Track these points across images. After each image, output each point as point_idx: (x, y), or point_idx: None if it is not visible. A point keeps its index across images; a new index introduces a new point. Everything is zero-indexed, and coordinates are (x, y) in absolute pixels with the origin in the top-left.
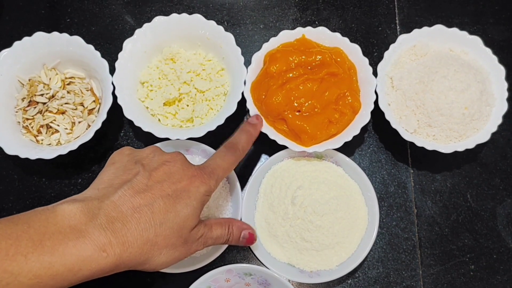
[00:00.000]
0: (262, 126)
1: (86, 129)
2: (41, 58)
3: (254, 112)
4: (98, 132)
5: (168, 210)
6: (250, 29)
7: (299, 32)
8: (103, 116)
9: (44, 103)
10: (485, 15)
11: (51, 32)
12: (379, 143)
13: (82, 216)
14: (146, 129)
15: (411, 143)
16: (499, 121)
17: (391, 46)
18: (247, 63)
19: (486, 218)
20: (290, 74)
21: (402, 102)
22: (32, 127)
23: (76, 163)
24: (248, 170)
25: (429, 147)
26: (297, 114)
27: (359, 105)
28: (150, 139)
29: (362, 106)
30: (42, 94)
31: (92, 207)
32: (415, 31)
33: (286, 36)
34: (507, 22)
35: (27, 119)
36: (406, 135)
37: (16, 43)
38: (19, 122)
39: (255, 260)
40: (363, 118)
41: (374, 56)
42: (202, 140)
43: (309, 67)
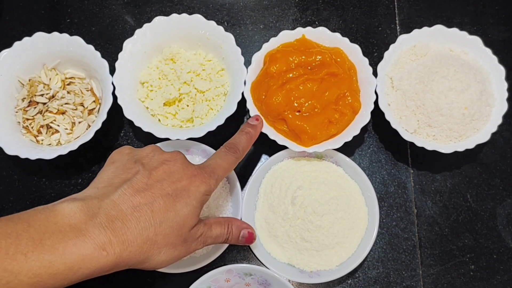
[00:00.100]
0: (262, 127)
1: (86, 129)
2: (41, 58)
3: (254, 112)
4: (98, 132)
5: (168, 209)
6: (250, 29)
7: (299, 32)
8: (103, 116)
9: (44, 103)
10: (485, 15)
11: (51, 32)
12: (379, 143)
13: (82, 215)
14: (146, 129)
15: (411, 143)
16: (499, 121)
17: (391, 46)
18: (247, 63)
19: (486, 218)
20: (290, 74)
21: (402, 102)
22: (32, 127)
23: (76, 163)
24: (248, 170)
25: (429, 147)
26: (297, 114)
27: (359, 105)
28: (150, 139)
29: (362, 106)
30: (42, 94)
31: (92, 206)
32: (415, 31)
33: (286, 36)
34: (507, 22)
35: (27, 119)
36: (406, 135)
37: (16, 43)
38: (19, 122)
39: (255, 260)
40: (363, 118)
41: (374, 56)
42: (202, 140)
43: (309, 67)
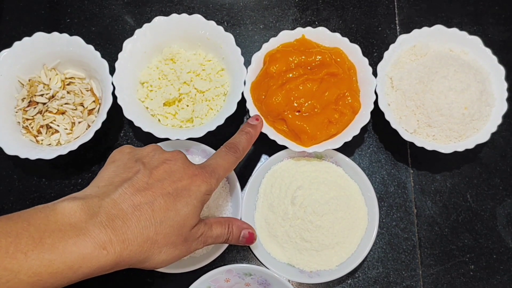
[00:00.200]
0: (262, 126)
1: (86, 129)
2: (41, 58)
3: (254, 112)
4: (98, 132)
5: (168, 209)
6: (250, 29)
7: (299, 32)
8: (103, 116)
9: (44, 103)
10: (485, 15)
11: (51, 32)
12: (379, 143)
13: (82, 214)
14: (146, 129)
15: (411, 143)
16: (499, 121)
17: (391, 46)
18: (247, 63)
19: (486, 218)
20: (290, 74)
21: (402, 102)
22: (32, 127)
23: (76, 163)
24: (248, 170)
25: (429, 147)
26: (297, 114)
27: (359, 105)
28: (150, 139)
29: (362, 106)
30: (42, 94)
31: (92, 205)
32: (415, 31)
33: (286, 36)
34: (507, 22)
35: (27, 119)
36: (406, 135)
37: (16, 43)
38: (19, 122)
39: (255, 260)
40: (363, 118)
41: (374, 56)
42: (202, 140)
43: (309, 67)
